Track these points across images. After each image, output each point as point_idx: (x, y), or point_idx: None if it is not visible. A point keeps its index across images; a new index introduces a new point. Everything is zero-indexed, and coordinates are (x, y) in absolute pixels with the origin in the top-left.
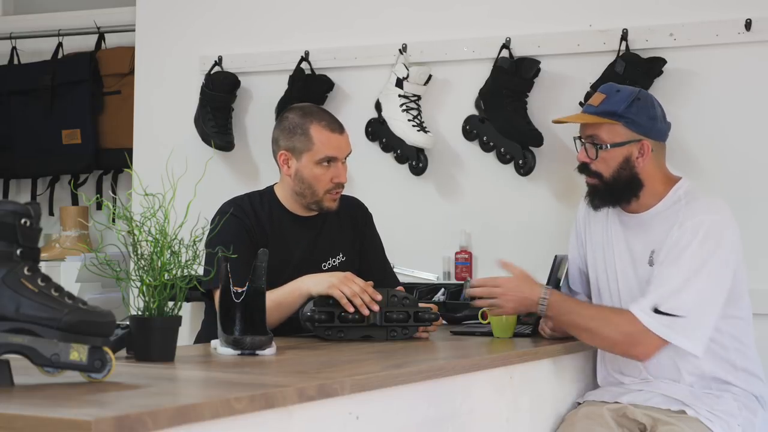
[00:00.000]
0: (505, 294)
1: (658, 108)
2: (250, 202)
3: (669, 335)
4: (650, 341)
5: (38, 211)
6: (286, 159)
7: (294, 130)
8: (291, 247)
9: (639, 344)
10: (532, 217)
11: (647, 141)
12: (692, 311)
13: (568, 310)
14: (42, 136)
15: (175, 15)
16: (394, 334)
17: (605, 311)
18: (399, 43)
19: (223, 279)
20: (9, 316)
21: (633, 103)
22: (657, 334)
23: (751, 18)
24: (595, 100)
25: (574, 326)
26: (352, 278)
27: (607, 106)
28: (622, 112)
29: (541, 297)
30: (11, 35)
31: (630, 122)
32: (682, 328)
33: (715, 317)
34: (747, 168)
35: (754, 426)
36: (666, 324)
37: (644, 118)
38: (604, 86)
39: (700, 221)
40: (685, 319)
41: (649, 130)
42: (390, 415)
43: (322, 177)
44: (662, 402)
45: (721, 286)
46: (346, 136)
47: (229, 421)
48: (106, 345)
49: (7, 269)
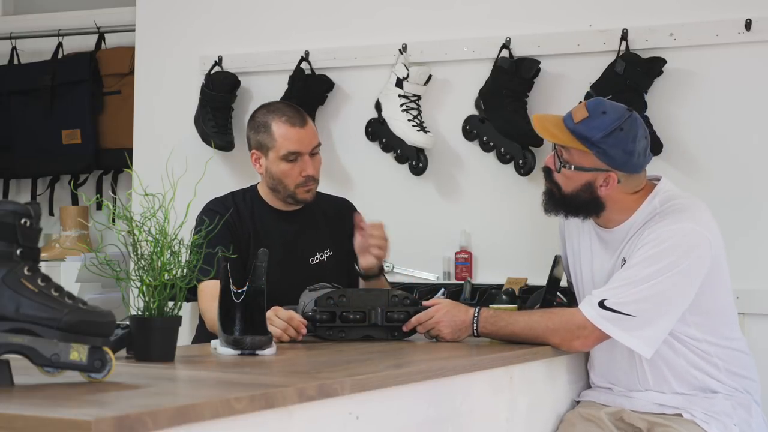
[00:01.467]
0: (439, 321)
1: (641, 141)
2: (233, 199)
3: (609, 329)
4: (589, 333)
5: (38, 211)
6: (257, 158)
7: (259, 129)
8: (275, 242)
9: (578, 338)
10: (532, 217)
11: (615, 173)
12: (643, 314)
13: (503, 323)
14: (42, 136)
15: (175, 15)
16: (395, 334)
17: (540, 314)
18: (399, 43)
19: (223, 279)
20: (9, 316)
21: (612, 133)
22: (597, 326)
23: (751, 18)
24: (578, 113)
25: (517, 336)
26: (273, 315)
27: (584, 129)
28: (596, 141)
29: (473, 316)
30: (11, 35)
31: (602, 153)
32: (628, 326)
33: (670, 324)
34: (747, 168)
35: (750, 425)
36: (608, 318)
37: (619, 152)
38: (594, 102)
39: (675, 229)
40: (634, 319)
41: (622, 165)
42: (390, 415)
43: (290, 172)
44: (657, 408)
45: (682, 296)
46: (310, 128)
47: (229, 421)
48: (106, 345)
49: (7, 269)
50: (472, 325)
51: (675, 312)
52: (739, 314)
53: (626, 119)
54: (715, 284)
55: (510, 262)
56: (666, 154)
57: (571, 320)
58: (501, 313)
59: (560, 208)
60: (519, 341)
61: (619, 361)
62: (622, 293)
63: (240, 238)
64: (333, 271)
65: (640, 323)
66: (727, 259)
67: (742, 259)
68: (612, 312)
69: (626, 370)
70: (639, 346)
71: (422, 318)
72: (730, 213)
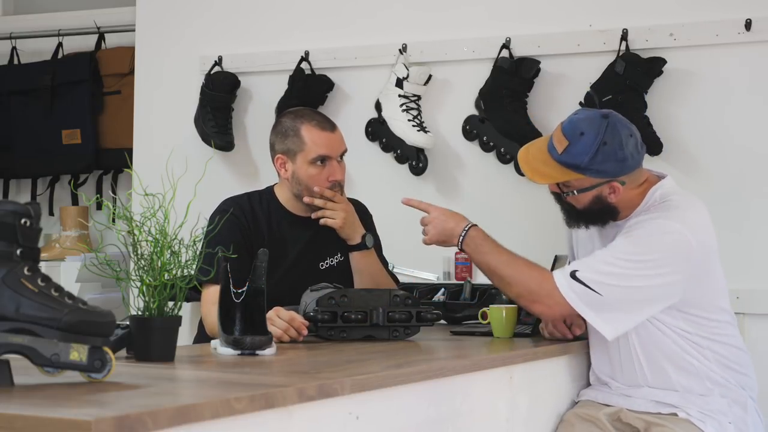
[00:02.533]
0: (432, 221)
1: (628, 142)
2: (249, 201)
3: (578, 305)
4: (555, 301)
5: (38, 211)
6: (282, 162)
7: (287, 133)
8: (288, 247)
9: (541, 303)
10: (532, 217)
11: (616, 182)
12: (609, 294)
13: (486, 250)
14: (42, 136)
15: (175, 15)
16: (396, 334)
17: (521, 262)
18: (399, 43)
19: (223, 279)
20: (9, 316)
21: (598, 151)
22: (564, 296)
23: (751, 18)
24: (559, 143)
25: (489, 269)
26: (274, 316)
27: (569, 158)
28: (586, 165)
29: (463, 229)
30: (11, 35)
31: (596, 172)
32: (595, 304)
33: (639, 314)
34: (747, 168)
35: (746, 423)
36: (576, 291)
37: (611, 165)
38: (567, 124)
39: (660, 224)
40: (600, 298)
41: (619, 172)
42: (390, 415)
43: (317, 177)
44: (652, 407)
45: (653, 289)
46: (339, 134)
47: (229, 421)
48: (106, 345)
49: (7, 269)
50: (458, 236)
51: (643, 305)
52: (739, 314)
53: (605, 130)
54: (703, 285)
55: None
56: (666, 154)
57: (542, 283)
58: (489, 240)
59: (581, 222)
60: (487, 275)
61: (617, 355)
62: (594, 268)
63: (253, 240)
64: (342, 275)
65: (606, 304)
66: (720, 260)
67: (742, 259)
68: (581, 285)
69: (625, 364)
70: (601, 326)
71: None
72: (730, 213)
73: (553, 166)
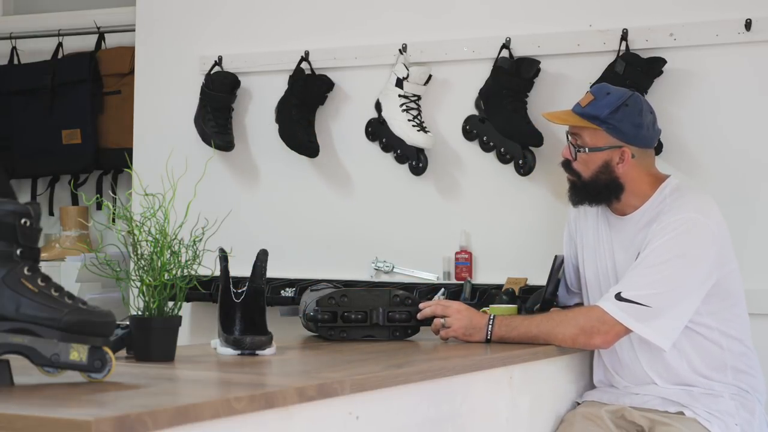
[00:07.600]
0: (458, 312)
1: (647, 115)
2: None
3: (629, 322)
4: (609, 328)
5: (38, 211)
6: None
7: None
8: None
9: (598, 333)
10: (532, 217)
11: (628, 148)
12: (657, 303)
13: (517, 324)
14: (42, 136)
15: (175, 15)
16: (396, 334)
17: (555, 312)
18: (399, 43)
19: (223, 279)
20: (9, 316)
21: (619, 109)
22: (616, 319)
23: (751, 18)
24: (585, 99)
25: (532, 335)
26: None
27: (591, 110)
28: (605, 117)
29: (489, 320)
30: (11, 35)
31: (612, 128)
32: (645, 317)
33: (686, 314)
34: (747, 168)
35: (752, 425)
36: (626, 311)
37: (628, 126)
38: (597, 86)
39: (680, 219)
40: (649, 310)
41: (633, 138)
42: (390, 415)
43: None
44: (660, 404)
45: (694, 283)
46: None
47: (229, 421)
48: (106, 345)
49: (7, 269)
50: (486, 327)
51: (688, 300)
52: None
53: (629, 96)
54: (723, 273)
55: (510, 262)
56: (666, 154)
57: (588, 316)
58: (514, 317)
59: (584, 197)
60: (535, 342)
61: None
62: (636, 284)
63: None
64: None
65: (655, 313)
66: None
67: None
68: (628, 303)
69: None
70: (656, 338)
71: (438, 310)
72: (730, 213)
73: (574, 116)
